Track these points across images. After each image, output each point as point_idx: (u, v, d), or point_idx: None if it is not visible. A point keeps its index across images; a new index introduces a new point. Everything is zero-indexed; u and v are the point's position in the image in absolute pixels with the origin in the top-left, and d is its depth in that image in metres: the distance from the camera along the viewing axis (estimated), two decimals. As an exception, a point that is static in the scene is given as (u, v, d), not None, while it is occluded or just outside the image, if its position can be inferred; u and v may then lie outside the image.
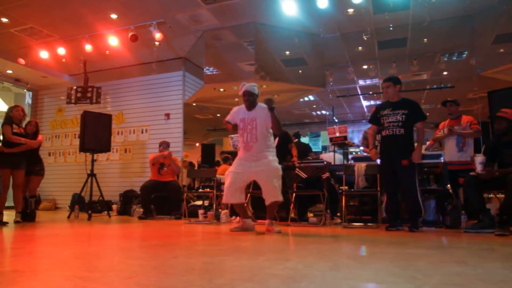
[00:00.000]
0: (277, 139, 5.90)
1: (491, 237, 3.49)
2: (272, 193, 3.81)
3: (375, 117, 4.40)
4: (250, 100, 3.96)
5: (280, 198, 3.86)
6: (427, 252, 2.55)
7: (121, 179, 8.36)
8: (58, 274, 1.81)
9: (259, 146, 3.90)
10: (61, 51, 7.70)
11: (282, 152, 5.88)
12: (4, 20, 6.79)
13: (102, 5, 6.41)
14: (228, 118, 4.15)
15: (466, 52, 7.93)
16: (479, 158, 4.03)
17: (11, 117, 5.12)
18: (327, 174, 5.01)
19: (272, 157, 3.94)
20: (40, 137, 5.48)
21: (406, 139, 4.16)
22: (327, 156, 6.92)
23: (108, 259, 2.31)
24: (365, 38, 7.14)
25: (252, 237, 3.51)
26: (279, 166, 3.96)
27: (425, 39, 7.54)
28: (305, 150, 7.23)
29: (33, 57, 8.00)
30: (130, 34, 6.95)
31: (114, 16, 6.78)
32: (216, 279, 1.67)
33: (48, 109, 9.73)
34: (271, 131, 4.02)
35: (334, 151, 6.87)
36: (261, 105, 4.00)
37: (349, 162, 5.75)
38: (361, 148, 6.44)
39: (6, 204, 5.18)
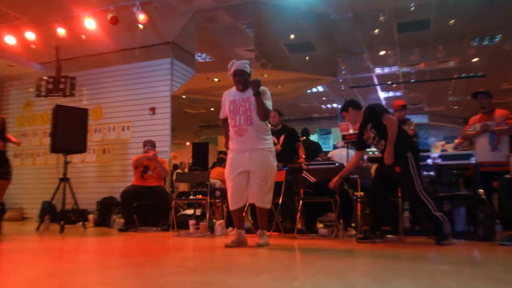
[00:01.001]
0: (282, 137, 5.90)
1: (531, 251, 3.47)
2: (258, 198, 3.88)
3: (360, 143, 4.56)
4: (242, 80, 3.94)
5: (267, 205, 3.94)
6: (456, 269, 2.53)
7: (99, 185, 8.34)
8: (24, 296, 1.78)
9: (254, 130, 3.88)
10: (30, 36, 7.65)
11: (288, 152, 5.87)
12: (-38, -1, 6.77)
13: (76, -18, 6.40)
14: (221, 113, 4.13)
15: (499, 36, 7.91)
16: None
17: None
18: (339, 178, 4.98)
19: (268, 151, 3.94)
20: (14, 139, 5.49)
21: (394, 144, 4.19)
22: (339, 154, 6.88)
23: (84, 278, 2.29)
24: (383, 20, 7.11)
25: (251, 251, 3.49)
26: (275, 164, 3.99)
27: (452, 21, 7.51)
28: (314, 150, 7.23)
29: (-4, 43, 7.99)
30: (109, 16, 6.91)
31: (90, -6, 6.76)
32: (211, 302, 1.65)
33: (15, 103, 9.70)
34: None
35: (348, 147, 6.84)
36: None
37: (365, 164, 5.73)
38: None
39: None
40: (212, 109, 12.02)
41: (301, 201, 5.05)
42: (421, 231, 4.93)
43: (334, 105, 12.92)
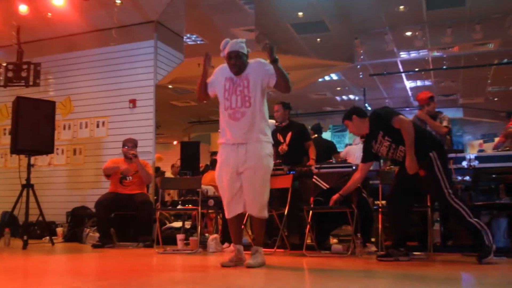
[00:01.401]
0: (289, 135, 5.90)
1: None
2: (252, 205, 3.84)
3: (366, 155, 4.61)
4: (238, 63, 3.90)
5: (264, 214, 3.89)
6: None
7: (69, 192, 8.34)
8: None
9: (252, 115, 3.85)
10: (-15, 13, 7.67)
11: (296, 153, 5.87)
12: None
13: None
14: (209, 79, 4.13)
15: (549, 13, 7.90)
16: None
17: None
18: (356, 184, 4.99)
19: (265, 146, 3.92)
20: None
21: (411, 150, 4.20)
22: (356, 153, 6.88)
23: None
24: (409, -6, 7.12)
25: (252, 272, 3.50)
26: (271, 163, 3.98)
27: (492, -5, 7.52)
28: (327, 150, 7.22)
29: None
30: (80, -11, 6.92)
31: (58, -36, 6.77)
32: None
33: (-33, 94, 9.71)
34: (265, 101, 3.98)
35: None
36: (254, 61, 4.00)
37: (387, 167, 5.73)
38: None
39: None
40: (205, 101, 12.01)
41: (311, 212, 5.05)
42: (455, 247, 4.93)
43: (351, 96, 12.92)
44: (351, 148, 8.26)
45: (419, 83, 11.96)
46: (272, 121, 6.02)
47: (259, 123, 3.88)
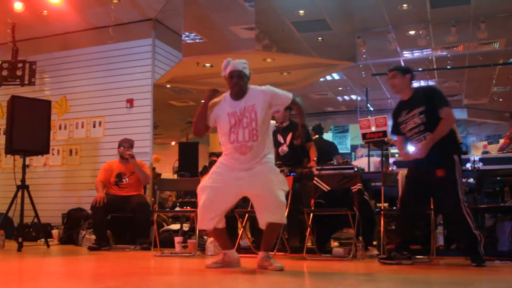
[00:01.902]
0: (289, 135, 5.90)
1: None
2: (271, 209, 3.75)
3: (396, 127, 4.54)
4: (240, 84, 3.86)
5: (283, 219, 3.82)
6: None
7: (65, 193, 8.34)
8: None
9: (259, 147, 3.85)
10: (-21, 11, 7.68)
11: (296, 154, 5.87)
12: None
13: None
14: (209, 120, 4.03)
15: (556, 12, 7.91)
16: None
17: None
18: (358, 186, 4.99)
19: (271, 164, 3.93)
20: None
21: (437, 142, 4.15)
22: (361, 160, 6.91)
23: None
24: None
25: (250, 276, 3.50)
26: (277, 169, 4.00)
27: (498, -7, 7.53)
28: (328, 151, 7.22)
29: None
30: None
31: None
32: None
33: (-39, 93, 9.71)
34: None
35: (369, 149, 6.85)
36: (255, 88, 3.95)
37: (390, 168, 5.74)
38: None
39: None
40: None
41: (311, 214, 5.06)
42: (458, 251, 4.93)
43: (353, 96, 12.89)
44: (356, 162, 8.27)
45: (422, 82, 11.95)
46: (273, 122, 6.02)
47: (263, 154, 3.89)
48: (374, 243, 5.27)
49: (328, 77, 10.86)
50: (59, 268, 4.24)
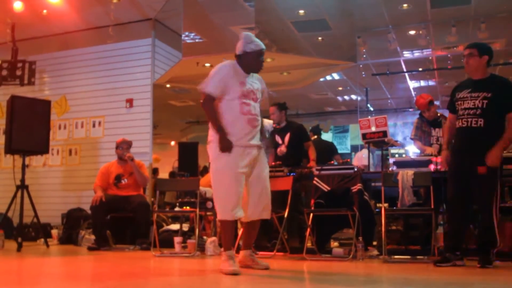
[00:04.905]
0: (287, 135, 5.91)
1: None
2: (267, 207, 3.84)
3: (452, 101, 4.44)
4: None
5: (269, 215, 3.93)
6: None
7: (65, 193, 8.34)
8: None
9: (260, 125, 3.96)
10: (-21, 10, 7.67)
11: (295, 155, 5.88)
12: None
13: None
14: (211, 86, 3.86)
15: (556, 11, 7.91)
16: None
17: None
18: (358, 186, 5.00)
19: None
20: None
21: (487, 134, 4.09)
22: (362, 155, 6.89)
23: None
24: (413, -9, 7.13)
25: (251, 277, 3.50)
26: None
27: (498, -7, 7.53)
28: (327, 151, 7.23)
29: None
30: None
31: (54, -40, 6.77)
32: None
33: (-40, 93, 9.71)
34: None
35: (369, 149, 6.84)
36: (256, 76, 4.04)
37: (390, 169, 5.74)
38: (412, 145, 6.37)
39: None
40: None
41: (311, 214, 5.06)
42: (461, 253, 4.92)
43: (353, 96, 12.89)
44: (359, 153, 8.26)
45: (422, 83, 11.94)
46: (270, 122, 6.02)
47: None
48: (374, 243, 5.27)
49: (328, 77, 10.86)
50: (58, 268, 4.24)
